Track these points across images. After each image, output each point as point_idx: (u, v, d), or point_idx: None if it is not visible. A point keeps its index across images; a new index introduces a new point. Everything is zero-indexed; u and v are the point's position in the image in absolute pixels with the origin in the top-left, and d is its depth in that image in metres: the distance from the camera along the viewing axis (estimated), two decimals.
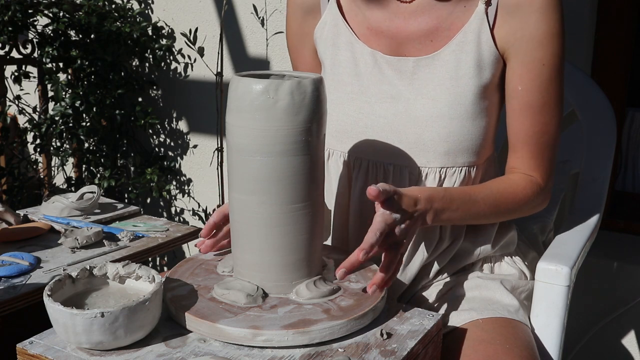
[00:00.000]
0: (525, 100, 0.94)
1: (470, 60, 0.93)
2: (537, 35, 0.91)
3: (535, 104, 0.94)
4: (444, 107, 0.93)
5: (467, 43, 0.93)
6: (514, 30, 0.92)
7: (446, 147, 0.94)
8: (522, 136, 0.96)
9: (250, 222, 0.81)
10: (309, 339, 0.74)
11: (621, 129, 1.78)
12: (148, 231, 1.26)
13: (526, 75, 0.93)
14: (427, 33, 0.96)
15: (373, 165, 0.99)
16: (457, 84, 0.93)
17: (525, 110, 0.95)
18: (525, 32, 0.91)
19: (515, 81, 0.94)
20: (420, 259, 0.98)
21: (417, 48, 0.96)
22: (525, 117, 0.95)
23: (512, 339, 0.89)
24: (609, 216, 1.78)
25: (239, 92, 0.78)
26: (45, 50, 2.00)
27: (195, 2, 2.07)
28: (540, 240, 1.19)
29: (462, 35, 0.93)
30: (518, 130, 0.96)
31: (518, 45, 0.92)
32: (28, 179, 2.13)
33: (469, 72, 0.93)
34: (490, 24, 0.93)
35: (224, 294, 0.80)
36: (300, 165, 0.79)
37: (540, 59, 0.92)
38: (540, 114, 0.95)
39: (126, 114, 2.12)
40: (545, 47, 0.92)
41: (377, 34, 0.99)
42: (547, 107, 0.94)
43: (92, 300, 0.79)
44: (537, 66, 0.92)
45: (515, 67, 0.94)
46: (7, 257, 1.06)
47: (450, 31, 0.95)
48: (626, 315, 1.62)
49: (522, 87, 0.94)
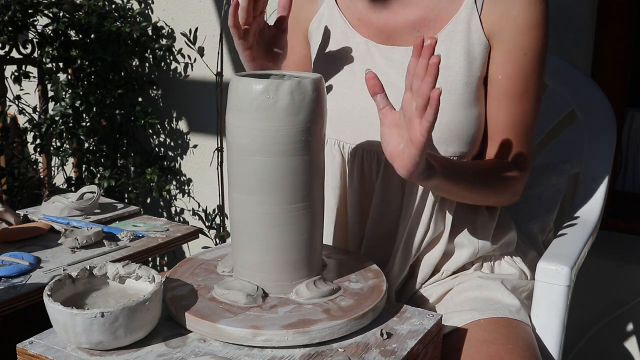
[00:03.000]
0: (505, 89, 0.94)
1: (460, 50, 0.93)
2: (520, 23, 0.91)
3: (515, 93, 0.94)
4: None
5: (457, 32, 0.94)
6: (499, 18, 0.92)
7: (437, 136, 0.94)
8: (501, 125, 0.96)
9: (250, 222, 0.81)
10: (309, 338, 0.74)
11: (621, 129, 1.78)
12: (148, 231, 1.26)
13: (507, 63, 0.93)
14: (414, 24, 0.97)
15: (367, 154, 0.99)
16: (448, 74, 0.93)
17: (504, 98, 0.95)
18: (509, 20, 0.92)
19: (495, 68, 0.94)
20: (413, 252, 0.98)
21: (406, 39, 0.97)
22: (505, 105, 0.95)
23: (514, 339, 0.89)
24: (609, 216, 1.78)
25: (239, 92, 0.78)
26: (45, 50, 2.01)
27: (195, 2, 2.07)
28: (540, 240, 1.19)
29: (452, 25, 0.94)
30: (497, 119, 0.96)
31: (501, 33, 0.93)
32: (28, 179, 2.13)
33: (459, 61, 0.93)
34: (479, 11, 0.93)
35: (224, 293, 0.80)
36: (300, 165, 0.79)
37: (521, 48, 0.92)
38: (520, 103, 0.95)
39: (126, 114, 2.12)
40: (528, 36, 0.92)
41: (367, 24, 1.00)
42: (527, 97, 0.94)
43: (92, 300, 0.79)
44: (518, 55, 0.93)
45: (497, 55, 0.94)
46: (7, 257, 1.06)
47: (437, 21, 0.95)
48: (626, 315, 1.62)
49: (502, 75, 0.94)
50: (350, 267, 0.91)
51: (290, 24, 1.09)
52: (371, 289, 0.84)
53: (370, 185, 1.01)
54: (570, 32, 1.57)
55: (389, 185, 0.99)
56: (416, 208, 0.98)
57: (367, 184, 1.01)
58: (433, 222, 0.98)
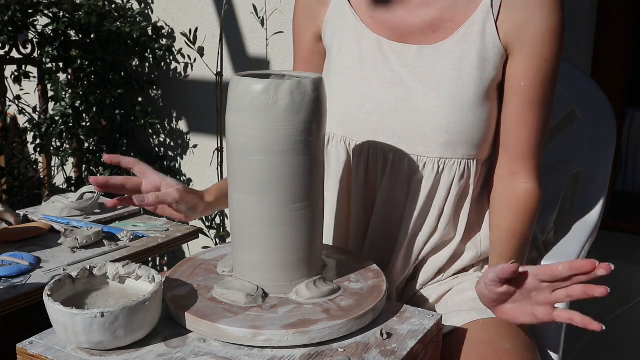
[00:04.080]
0: (527, 96, 0.93)
1: (474, 52, 0.93)
2: (542, 30, 0.91)
3: (536, 100, 0.94)
4: (446, 98, 0.93)
5: (472, 35, 0.93)
6: (519, 24, 0.92)
7: (446, 138, 0.94)
8: (525, 134, 0.95)
9: (250, 222, 0.81)
10: (309, 338, 0.74)
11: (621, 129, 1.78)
12: (148, 231, 1.26)
13: (529, 71, 0.93)
14: (430, 24, 0.96)
15: (374, 152, 0.99)
16: (460, 75, 0.93)
17: (528, 106, 0.94)
18: (530, 27, 0.91)
19: (518, 76, 0.94)
20: (415, 253, 0.99)
21: (420, 39, 0.97)
22: (529, 113, 0.94)
23: (513, 339, 0.88)
24: (609, 216, 1.78)
25: (239, 92, 0.78)
26: (45, 50, 2.01)
27: (195, 2, 2.07)
28: (540, 240, 1.19)
29: (467, 28, 0.93)
30: (521, 128, 0.95)
31: (522, 40, 0.92)
32: (28, 179, 2.13)
33: (472, 64, 0.93)
34: (495, 17, 0.93)
35: (224, 293, 0.80)
36: (300, 165, 0.79)
37: (543, 55, 0.92)
38: (542, 111, 0.94)
39: (126, 114, 2.12)
40: (549, 43, 0.91)
41: (380, 22, 1.00)
42: (546, 105, 0.94)
43: (92, 300, 0.79)
44: (539, 61, 0.92)
45: (519, 62, 0.93)
46: (7, 257, 1.06)
47: (453, 23, 0.95)
48: (626, 315, 1.62)
49: (525, 82, 0.93)
50: (350, 267, 0.91)
51: (302, 20, 1.09)
52: (371, 289, 0.84)
53: (375, 183, 1.01)
54: (570, 32, 1.57)
55: (394, 185, 0.99)
56: (421, 209, 0.97)
57: (372, 182, 1.01)
58: (442, 226, 0.98)
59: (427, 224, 0.98)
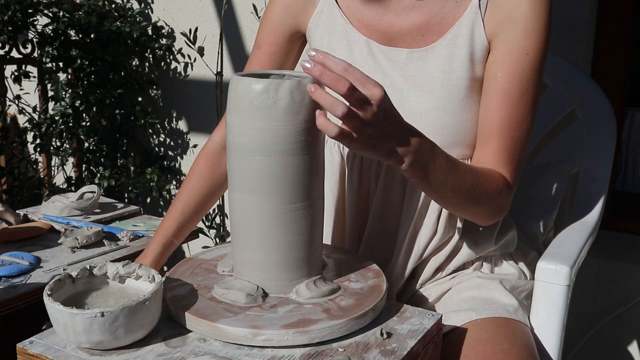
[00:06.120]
0: (504, 88, 0.91)
1: (463, 54, 0.93)
2: (525, 24, 0.90)
3: (514, 93, 0.91)
4: (438, 100, 0.93)
5: (461, 37, 0.93)
6: (503, 19, 0.91)
7: (440, 140, 0.93)
8: (497, 126, 0.92)
9: (250, 222, 0.81)
10: (309, 338, 0.74)
11: (621, 129, 1.78)
12: (148, 231, 1.26)
13: (509, 62, 0.91)
14: (419, 27, 0.96)
15: (367, 157, 0.99)
16: (450, 77, 0.93)
17: (503, 98, 0.92)
18: (512, 20, 0.91)
19: (495, 67, 0.92)
20: (416, 255, 0.98)
21: (409, 42, 0.97)
22: (503, 105, 0.92)
23: (511, 338, 0.89)
24: (609, 216, 1.78)
25: (238, 91, 0.78)
26: (45, 50, 2.01)
27: (195, 1, 2.07)
28: (540, 240, 1.19)
29: (456, 29, 0.93)
30: (493, 119, 0.92)
31: (506, 33, 0.91)
32: (28, 178, 2.13)
33: (462, 65, 0.93)
34: (482, 16, 0.93)
35: (224, 293, 0.80)
36: (300, 165, 0.79)
37: (524, 48, 0.91)
38: (519, 104, 0.92)
39: (126, 114, 2.12)
40: (531, 37, 0.91)
41: (369, 26, 0.99)
42: (526, 99, 0.92)
43: (92, 300, 0.79)
44: (520, 55, 0.91)
45: (499, 54, 0.92)
46: (7, 257, 1.06)
47: (441, 26, 0.95)
48: (626, 315, 1.62)
49: (501, 73, 0.92)
50: (350, 266, 0.91)
51: (279, 15, 1.05)
52: (371, 289, 0.84)
53: (369, 186, 1.01)
54: (570, 32, 1.57)
55: (390, 187, 0.99)
56: (419, 210, 0.97)
57: (366, 185, 1.01)
58: (441, 227, 0.98)
59: (427, 226, 0.98)
